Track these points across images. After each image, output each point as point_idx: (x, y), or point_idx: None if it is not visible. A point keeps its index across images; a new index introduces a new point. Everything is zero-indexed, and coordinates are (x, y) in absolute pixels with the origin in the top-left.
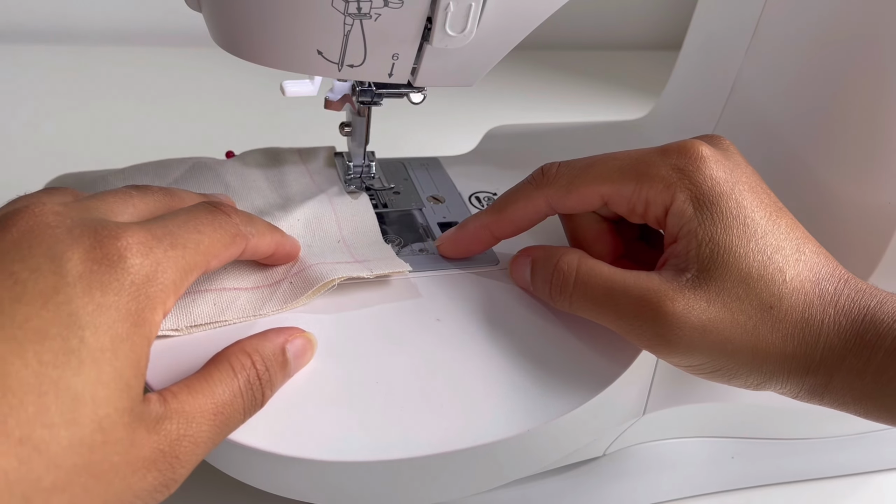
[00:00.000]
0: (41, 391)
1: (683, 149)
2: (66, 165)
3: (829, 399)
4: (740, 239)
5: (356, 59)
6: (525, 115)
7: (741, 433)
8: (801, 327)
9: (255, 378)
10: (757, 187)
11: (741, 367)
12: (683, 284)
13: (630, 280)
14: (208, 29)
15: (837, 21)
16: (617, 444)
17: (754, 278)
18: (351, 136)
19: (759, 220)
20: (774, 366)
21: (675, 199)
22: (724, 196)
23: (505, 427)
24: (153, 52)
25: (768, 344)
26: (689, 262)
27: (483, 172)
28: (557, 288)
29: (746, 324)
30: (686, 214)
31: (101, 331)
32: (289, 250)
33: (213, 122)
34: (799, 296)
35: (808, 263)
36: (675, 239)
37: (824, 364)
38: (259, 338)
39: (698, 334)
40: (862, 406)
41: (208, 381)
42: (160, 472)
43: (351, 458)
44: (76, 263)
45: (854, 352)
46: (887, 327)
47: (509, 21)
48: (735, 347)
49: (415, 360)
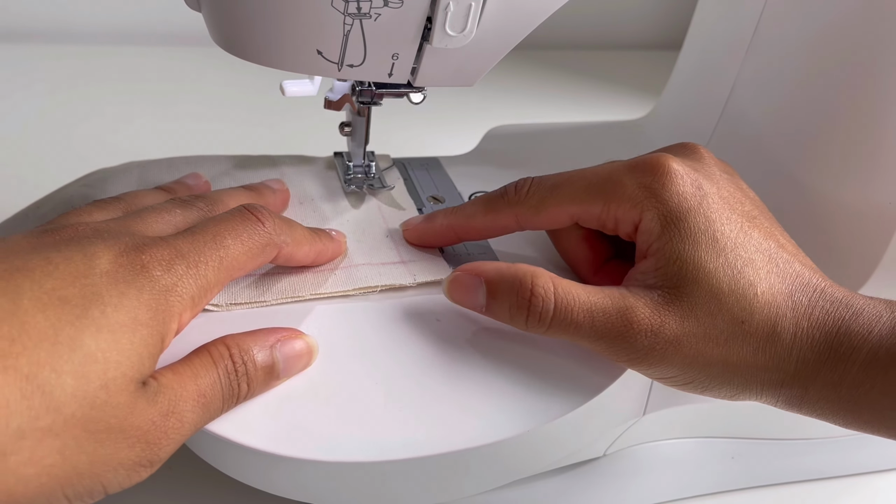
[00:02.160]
0: (56, 341)
1: (650, 165)
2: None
3: (807, 409)
4: (709, 254)
5: (356, 58)
6: (525, 115)
7: (741, 433)
8: (772, 341)
9: (231, 369)
10: (730, 197)
11: (713, 380)
12: (656, 301)
13: (606, 302)
14: (208, 29)
15: (838, 19)
16: (617, 444)
17: (725, 293)
18: (351, 136)
19: (728, 233)
20: (746, 378)
21: (643, 218)
22: (691, 212)
23: (505, 427)
24: (153, 52)
25: (739, 357)
26: (658, 279)
27: (483, 172)
28: (536, 316)
29: (718, 338)
30: (654, 232)
31: (123, 311)
32: (332, 256)
33: (213, 122)
34: (770, 309)
35: (782, 275)
36: (645, 255)
37: (799, 377)
38: (244, 334)
39: (672, 349)
40: (840, 417)
41: (190, 366)
42: (147, 446)
43: (350, 458)
44: (104, 262)
45: (829, 365)
46: (862, 339)
47: (509, 21)
48: (707, 361)
49: (415, 360)
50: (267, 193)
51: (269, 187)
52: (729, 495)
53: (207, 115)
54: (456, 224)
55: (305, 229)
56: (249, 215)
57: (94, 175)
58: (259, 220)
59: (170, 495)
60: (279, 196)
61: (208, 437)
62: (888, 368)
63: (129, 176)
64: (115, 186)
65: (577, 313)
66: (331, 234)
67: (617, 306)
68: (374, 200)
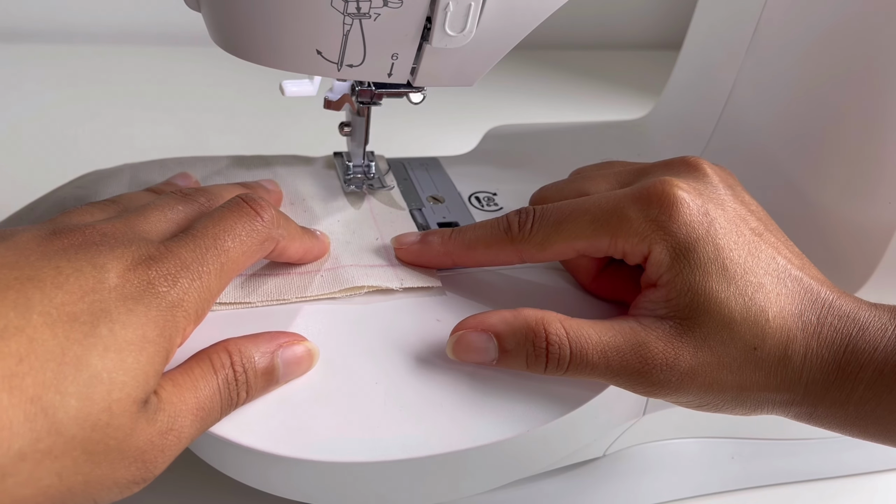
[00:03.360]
0: (63, 361)
1: (656, 196)
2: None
3: (815, 423)
4: (720, 284)
5: (356, 58)
6: (525, 115)
7: (741, 433)
8: (784, 364)
9: (231, 378)
10: (736, 217)
11: (727, 403)
12: (669, 333)
13: (619, 339)
14: (208, 29)
15: (838, 20)
16: (617, 444)
17: (737, 321)
18: (351, 136)
19: (737, 259)
20: (759, 400)
21: (652, 251)
22: (700, 241)
23: (504, 428)
24: (153, 52)
25: (752, 382)
26: (670, 309)
27: (483, 172)
28: (554, 363)
29: (731, 365)
30: (664, 264)
31: (131, 329)
32: (316, 255)
33: (213, 122)
34: (782, 333)
35: (791, 295)
36: (655, 284)
37: (808, 397)
38: (247, 339)
39: (688, 379)
40: (847, 430)
41: (191, 377)
42: (144, 464)
43: (350, 458)
44: (112, 276)
45: (836, 384)
46: (868, 357)
47: (509, 21)
48: (721, 387)
49: (414, 360)
50: (261, 192)
51: (262, 187)
52: (729, 495)
53: (207, 116)
54: (454, 251)
55: (297, 225)
56: (248, 208)
57: (88, 177)
58: (257, 213)
59: (169, 495)
60: (272, 197)
61: (208, 438)
62: (893, 386)
63: (122, 177)
64: (107, 188)
65: (591, 355)
66: (315, 233)
67: (630, 343)
68: (366, 203)
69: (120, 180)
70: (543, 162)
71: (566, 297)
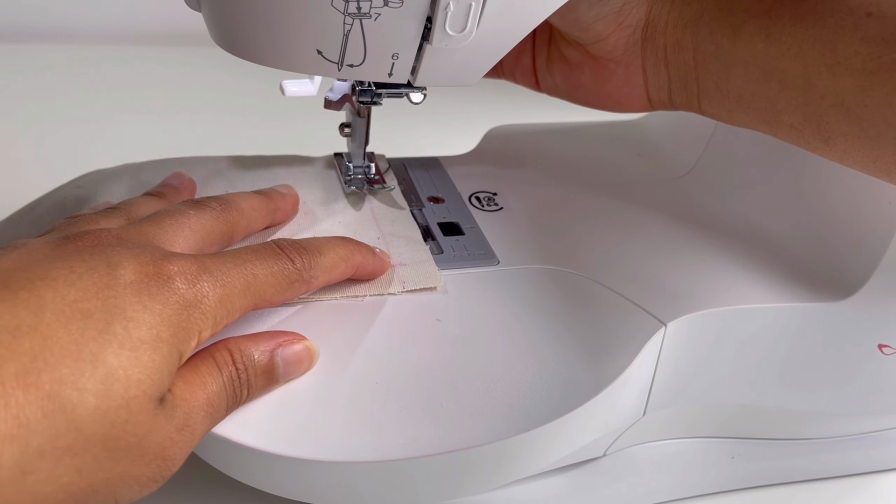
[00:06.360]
0: (79, 357)
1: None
2: (67, 165)
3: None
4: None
5: (356, 58)
6: (525, 115)
7: (741, 433)
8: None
9: (234, 376)
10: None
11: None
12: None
13: None
14: (208, 29)
15: None
16: (617, 444)
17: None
18: (351, 137)
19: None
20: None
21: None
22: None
23: (504, 427)
24: (153, 52)
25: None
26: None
27: (483, 172)
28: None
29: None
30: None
31: (145, 328)
32: (371, 270)
33: (213, 122)
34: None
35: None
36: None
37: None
38: (246, 338)
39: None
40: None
41: (198, 374)
42: (164, 461)
43: (350, 458)
44: (129, 273)
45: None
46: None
47: (509, 21)
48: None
49: (415, 360)
50: (277, 198)
51: (278, 192)
52: (729, 495)
53: (207, 116)
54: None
55: (336, 249)
56: (279, 251)
57: (88, 176)
58: (289, 258)
59: (170, 495)
60: (289, 200)
61: (209, 438)
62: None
63: (122, 177)
64: (107, 188)
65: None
66: (375, 251)
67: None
68: (367, 203)
69: (120, 180)
70: (543, 162)
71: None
